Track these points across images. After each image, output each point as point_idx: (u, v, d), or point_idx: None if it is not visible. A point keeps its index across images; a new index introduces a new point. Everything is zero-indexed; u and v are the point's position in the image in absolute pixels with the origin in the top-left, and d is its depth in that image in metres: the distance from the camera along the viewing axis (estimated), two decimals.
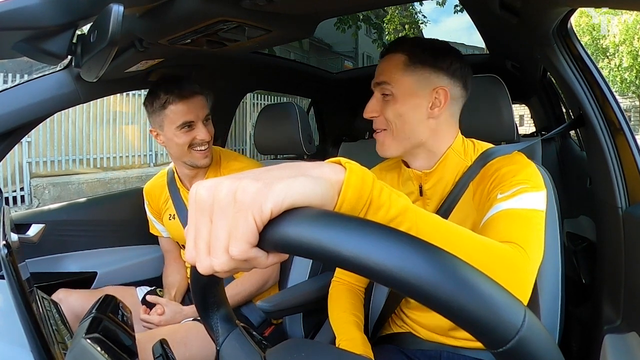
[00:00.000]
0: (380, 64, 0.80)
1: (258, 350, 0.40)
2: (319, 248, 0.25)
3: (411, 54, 0.77)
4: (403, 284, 0.24)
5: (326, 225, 0.26)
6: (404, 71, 0.76)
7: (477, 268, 0.25)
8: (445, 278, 0.23)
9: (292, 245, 0.27)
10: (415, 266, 0.24)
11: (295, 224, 0.27)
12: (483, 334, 0.23)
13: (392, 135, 0.78)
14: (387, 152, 0.80)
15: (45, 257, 1.27)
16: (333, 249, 0.25)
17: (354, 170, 0.34)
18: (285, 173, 0.30)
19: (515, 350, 0.23)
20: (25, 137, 2.74)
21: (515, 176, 0.70)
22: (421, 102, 0.76)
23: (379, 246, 0.24)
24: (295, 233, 0.27)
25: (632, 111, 15.57)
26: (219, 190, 0.29)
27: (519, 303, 0.24)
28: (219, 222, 0.28)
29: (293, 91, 2.35)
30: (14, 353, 0.58)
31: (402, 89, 0.76)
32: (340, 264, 0.25)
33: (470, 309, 0.23)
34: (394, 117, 0.76)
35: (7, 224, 0.82)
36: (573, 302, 0.97)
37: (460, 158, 0.79)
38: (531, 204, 0.65)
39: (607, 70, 14.30)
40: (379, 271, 0.24)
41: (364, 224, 0.26)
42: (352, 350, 0.80)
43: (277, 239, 0.27)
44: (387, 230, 0.26)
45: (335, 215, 0.27)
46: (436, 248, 0.25)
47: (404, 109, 0.76)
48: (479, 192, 0.75)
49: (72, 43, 0.65)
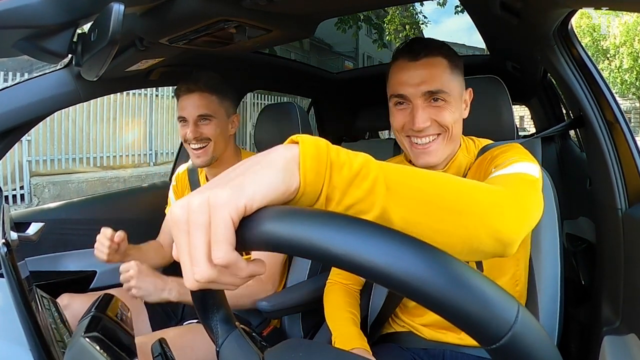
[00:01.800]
0: (418, 69, 0.74)
1: (257, 350, 0.40)
2: (298, 244, 0.26)
3: (450, 58, 0.76)
4: (387, 277, 0.23)
5: (305, 221, 0.27)
6: (451, 75, 0.75)
7: (470, 267, 0.25)
8: (435, 274, 0.23)
9: (267, 241, 0.28)
10: (402, 261, 0.23)
11: (268, 220, 0.28)
12: (475, 330, 0.23)
13: (445, 140, 0.76)
14: (440, 159, 0.78)
15: (44, 255, 1.28)
16: (311, 243, 0.25)
17: (306, 140, 0.34)
18: (248, 170, 0.31)
19: (509, 347, 0.23)
20: (25, 135, 2.73)
21: (506, 153, 0.72)
22: (462, 104, 0.78)
23: (360, 240, 0.24)
24: (269, 229, 0.28)
25: (632, 113, 15.57)
26: (191, 204, 0.30)
27: (512, 299, 0.24)
28: (195, 233, 0.29)
29: (293, 91, 2.35)
30: (13, 352, 0.58)
31: (454, 94, 0.75)
32: (328, 260, 0.25)
33: (462, 305, 0.23)
34: (452, 122, 0.74)
35: (7, 223, 0.82)
36: (572, 303, 0.97)
37: (465, 156, 0.82)
38: (524, 169, 0.65)
39: (607, 72, 14.30)
40: (358, 263, 0.24)
41: (349, 221, 0.26)
42: (348, 344, 0.81)
43: (253, 236, 0.28)
44: (358, 222, 0.26)
45: (318, 212, 0.28)
46: (425, 244, 0.25)
47: (458, 113, 0.76)
48: (475, 178, 0.76)
49: (73, 42, 0.65)
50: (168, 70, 1.26)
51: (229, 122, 1.18)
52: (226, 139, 1.17)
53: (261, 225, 0.28)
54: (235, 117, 1.20)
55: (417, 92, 0.74)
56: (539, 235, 0.84)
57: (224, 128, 1.15)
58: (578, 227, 1.40)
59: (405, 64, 0.76)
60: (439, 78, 0.73)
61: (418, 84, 0.73)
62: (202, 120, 1.11)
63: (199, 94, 1.10)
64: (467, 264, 0.25)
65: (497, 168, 0.68)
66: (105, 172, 5.52)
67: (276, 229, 0.27)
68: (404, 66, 0.76)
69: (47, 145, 4.98)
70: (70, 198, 1.52)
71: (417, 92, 0.74)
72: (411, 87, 0.74)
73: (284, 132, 1.34)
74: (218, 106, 1.13)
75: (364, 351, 0.80)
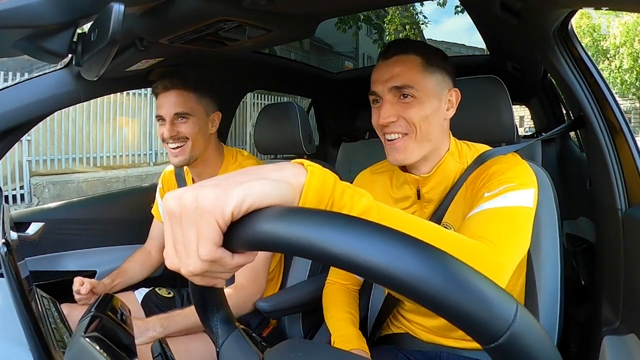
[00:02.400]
0: (389, 66, 0.76)
1: (257, 351, 0.40)
2: (287, 242, 0.26)
3: (425, 56, 0.76)
4: (386, 277, 0.23)
5: (296, 220, 0.27)
6: (424, 73, 0.75)
7: (468, 266, 0.25)
8: (433, 273, 0.23)
9: (254, 242, 0.28)
10: (400, 260, 0.23)
11: (255, 222, 0.29)
12: (473, 329, 0.23)
13: (414, 139, 0.75)
14: (410, 158, 0.76)
15: (44, 255, 1.27)
16: (304, 242, 0.26)
17: (315, 173, 0.34)
18: (245, 178, 0.32)
19: (507, 346, 0.23)
20: (25, 135, 2.74)
21: (503, 174, 0.70)
22: (440, 103, 0.76)
23: (359, 239, 0.24)
24: (256, 230, 0.28)
25: (632, 113, 15.57)
26: (184, 199, 0.31)
27: (510, 298, 0.24)
28: (187, 227, 0.30)
29: (293, 91, 2.35)
30: (13, 351, 0.58)
31: (425, 90, 0.74)
32: (327, 260, 0.25)
33: (459, 303, 0.23)
34: (420, 120, 0.74)
35: (7, 223, 0.82)
36: (572, 303, 0.97)
37: (456, 161, 0.80)
38: (516, 201, 0.65)
39: (607, 72, 14.30)
40: (356, 262, 0.24)
41: (346, 220, 0.26)
42: (347, 345, 0.80)
43: (240, 237, 0.29)
44: (356, 221, 0.26)
45: (302, 210, 0.29)
46: (424, 243, 0.25)
47: (429, 111, 0.74)
48: (470, 191, 0.75)
49: (73, 42, 0.65)
50: (168, 70, 1.25)
51: (209, 120, 1.14)
52: (206, 138, 1.13)
53: (248, 228, 0.29)
54: (215, 115, 1.16)
55: (385, 88, 0.75)
56: (539, 235, 0.84)
57: (202, 126, 1.12)
58: (578, 227, 1.40)
59: (379, 63, 0.78)
60: (408, 74, 0.74)
61: (387, 80, 0.75)
62: (180, 118, 1.09)
63: (175, 91, 1.08)
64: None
65: (490, 192, 0.67)
66: (105, 172, 5.52)
67: (262, 229, 0.28)
68: (378, 66, 0.78)
69: (47, 145, 4.98)
70: (70, 198, 1.52)
71: (385, 87, 0.75)
72: (380, 84, 0.76)
73: (284, 132, 1.35)
74: (196, 104, 1.10)
75: (362, 352, 0.80)
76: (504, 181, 0.68)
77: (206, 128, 1.13)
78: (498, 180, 0.69)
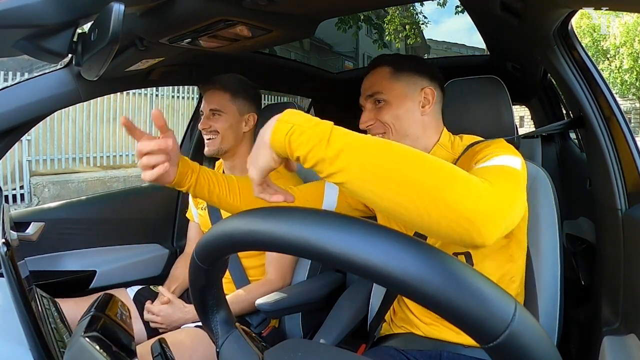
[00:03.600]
0: (366, 81, 0.89)
1: (256, 351, 0.40)
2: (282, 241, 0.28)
3: (394, 64, 0.87)
4: (386, 276, 0.23)
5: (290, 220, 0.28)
6: (391, 79, 0.86)
7: (467, 265, 0.24)
8: (432, 272, 0.23)
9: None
10: (399, 259, 0.23)
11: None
12: (472, 328, 0.23)
13: (390, 136, 0.84)
14: None
15: (44, 255, 1.27)
16: (302, 242, 0.26)
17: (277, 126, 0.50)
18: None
19: (506, 345, 0.23)
20: (25, 135, 2.74)
21: (488, 147, 0.75)
22: (413, 102, 0.85)
23: (358, 239, 0.25)
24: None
25: (632, 113, 15.56)
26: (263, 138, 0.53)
27: (510, 297, 0.24)
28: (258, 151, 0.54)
29: (293, 91, 2.35)
30: (13, 351, 0.58)
31: (394, 93, 0.85)
32: (327, 260, 0.25)
33: (458, 302, 0.23)
34: (392, 119, 0.84)
35: (7, 222, 0.82)
36: (572, 303, 0.97)
37: (447, 152, 0.86)
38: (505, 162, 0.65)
39: (607, 72, 14.29)
40: (355, 262, 0.24)
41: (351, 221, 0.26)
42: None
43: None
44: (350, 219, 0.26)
45: (297, 210, 0.30)
46: (423, 243, 0.25)
47: (400, 111, 0.84)
48: None
49: (73, 41, 0.65)
50: (168, 70, 1.26)
51: (242, 119, 1.24)
52: (237, 135, 1.23)
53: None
54: (250, 116, 1.26)
55: (363, 98, 0.89)
56: (539, 235, 0.84)
57: (234, 124, 1.22)
58: (578, 227, 1.40)
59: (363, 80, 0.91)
60: (378, 84, 0.86)
61: (364, 91, 0.89)
62: (214, 114, 1.20)
63: (213, 91, 1.21)
64: (465, 262, 0.25)
65: (478, 163, 0.69)
66: (105, 172, 5.52)
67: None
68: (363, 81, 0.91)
69: (47, 144, 4.98)
70: (70, 198, 1.52)
71: (363, 97, 0.89)
72: (362, 95, 0.90)
73: None
74: (229, 103, 1.21)
75: None
76: (490, 151, 0.71)
77: (238, 126, 1.23)
78: (484, 152, 0.72)
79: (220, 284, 0.41)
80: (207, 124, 1.20)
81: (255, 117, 1.27)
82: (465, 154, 0.82)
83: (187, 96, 6.29)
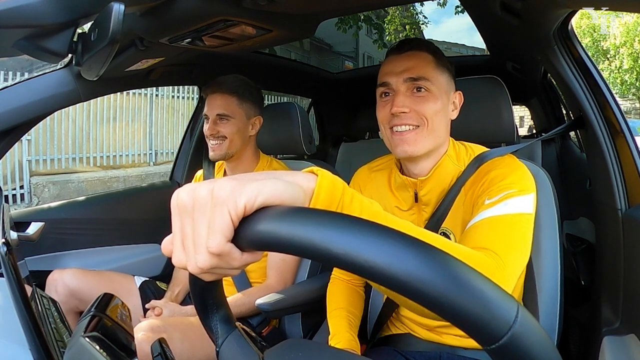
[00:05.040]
0: (404, 59, 0.76)
1: (256, 351, 0.40)
2: (295, 244, 0.26)
3: (436, 55, 0.77)
4: (386, 277, 0.23)
5: (304, 220, 0.27)
6: (436, 70, 0.76)
7: (470, 267, 0.24)
8: (434, 273, 0.23)
9: (264, 241, 0.28)
10: (401, 260, 0.23)
11: (267, 220, 0.28)
12: (474, 330, 0.23)
13: (426, 132, 0.75)
14: (419, 150, 0.75)
15: (44, 255, 1.28)
16: (311, 243, 0.25)
17: (326, 177, 0.36)
18: (260, 177, 0.33)
19: (508, 347, 0.23)
20: (25, 135, 2.74)
21: (503, 180, 0.70)
22: (449, 102, 0.78)
23: (359, 239, 0.24)
24: (266, 229, 0.28)
25: (632, 113, 15.55)
26: (198, 192, 0.31)
27: (512, 299, 0.24)
28: (199, 220, 0.30)
29: (293, 91, 2.35)
30: (13, 351, 0.58)
31: (439, 86, 0.76)
32: (327, 260, 0.25)
33: (461, 304, 0.23)
34: (432, 114, 0.74)
35: (7, 222, 0.82)
36: (572, 303, 0.97)
37: (454, 163, 0.80)
38: (517, 208, 0.65)
39: (607, 72, 14.28)
40: (357, 263, 0.24)
41: (346, 219, 0.26)
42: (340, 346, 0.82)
43: (250, 234, 0.29)
44: (366, 224, 0.26)
45: (310, 210, 0.29)
46: (424, 243, 0.25)
47: (441, 106, 0.76)
48: (469, 196, 0.75)
49: (73, 41, 0.65)
50: (168, 70, 1.26)
51: (249, 123, 1.22)
52: (244, 139, 1.22)
53: (258, 225, 0.28)
54: (256, 119, 1.24)
55: (400, 79, 0.76)
56: (539, 235, 0.84)
57: (241, 128, 1.20)
58: (578, 227, 1.40)
59: (391, 57, 0.79)
60: (422, 67, 0.75)
61: (401, 72, 0.76)
62: (221, 119, 1.18)
63: (219, 94, 1.18)
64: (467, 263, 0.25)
65: (490, 199, 0.67)
66: (105, 172, 5.52)
67: (272, 229, 0.28)
68: (390, 59, 0.79)
69: (47, 144, 4.98)
70: (70, 198, 1.52)
71: (400, 78, 0.76)
72: (394, 75, 0.76)
73: (284, 132, 1.35)
74: (237, 107, 1.19)
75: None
76: (504, 187, 0.68)
77: (245, 130, 1.22)
78: (498, 187, 0.69)
79: (220, 283, 0.41)
80: (215, 129, 1.18)
81: (261, 120, 1.25)
82: (476, 174, 0.76)
83: (187, 96, 6.29)
